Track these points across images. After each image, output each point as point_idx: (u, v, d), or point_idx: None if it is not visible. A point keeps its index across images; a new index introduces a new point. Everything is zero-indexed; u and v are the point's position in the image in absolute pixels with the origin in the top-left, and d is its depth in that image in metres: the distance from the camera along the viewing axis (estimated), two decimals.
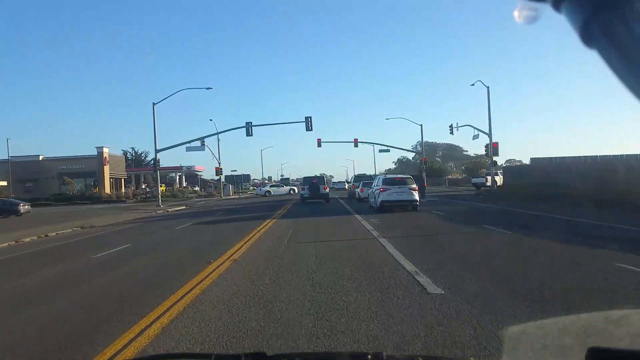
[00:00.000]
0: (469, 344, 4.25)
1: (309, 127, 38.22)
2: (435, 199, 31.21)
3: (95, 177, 61.70)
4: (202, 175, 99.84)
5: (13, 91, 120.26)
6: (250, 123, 38.01)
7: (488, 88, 37.10)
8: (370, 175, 40.36)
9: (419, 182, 25.91)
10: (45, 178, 61.91)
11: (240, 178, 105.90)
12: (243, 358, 1.24)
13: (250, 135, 37.75)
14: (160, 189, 73.64)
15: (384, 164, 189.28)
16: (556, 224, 15.09)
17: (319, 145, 59.75)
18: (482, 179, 44.83)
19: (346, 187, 68.04)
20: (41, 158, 62.71)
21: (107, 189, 60.95)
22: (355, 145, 61.19)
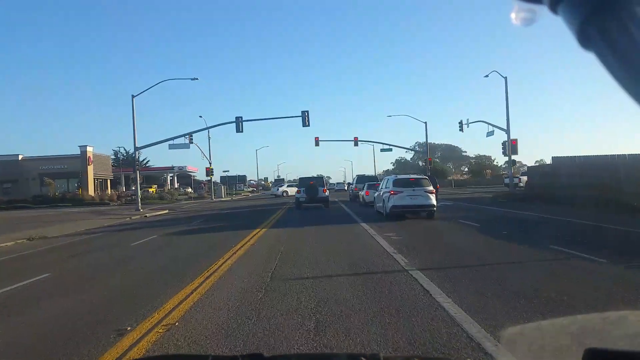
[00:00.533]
0: None
1: (305, 123, 34.52)
2: (449, 203, 27.40)
3: (79, 178, 57.99)
4: (196, 176, 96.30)
5: None
6: (241, 118, 34.22)
7: (506, 79, 33.44)
8: (375, 176, 36.54)
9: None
10: (25, 179, 58.20)
11: (235, 179, 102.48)
12: (240, 359, 1.23)
13: (241, 131, 33.97)
14: (151, 190, 70.15)
15: (381, 164, 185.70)
16: None
17: (317, 144, 56.36)
18: (515, 180, 41.56)
19: (345, 188, 64.36)
20: (21, 157, 58.91)
21: (91, 191, 57.19)
22: (355, 144, 57.33)
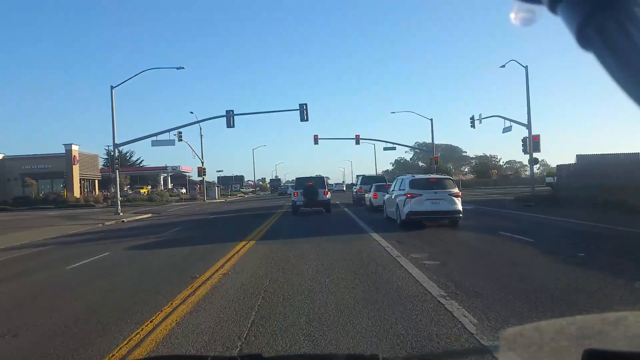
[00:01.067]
0: None
1: (304, 117, 31.15)
2: (469, 207, 23.84)
3: (65, 179, 54.58)
4: (191, 176, 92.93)
5: None
6: (232, 112, 30.75)
7: (526, 68, 29.98)
8: (382, 177, 33.01)
9: None
10: (6, 179, 54.77)
11: (231, 179, 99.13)
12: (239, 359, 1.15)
13: (232, 126, 30.62)
14: (143, 191, 66.68)
15: (380, 164, 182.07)
16: None
17: (316, 142, 53.33)
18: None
19: (344, 189, 60.68)
20: (1, 157, 55.36)
21: (77, 192, 53.75)
22: (357, 142, 54.13)
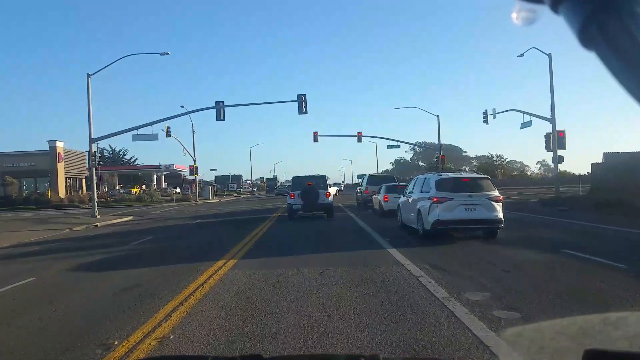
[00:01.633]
0: None
1: (302, 109, 28.20)
2: None
3: (49, 177, 51.51)
4: (187, 175, 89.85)
5: None
6: (222, 103, 27.72)
7: (549, 55, 26.88)
8: (391, 176, 29.83)
9: None
10: None
11: (228, 178, 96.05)
12: None
13: (222, 119, 27.60)
14: (134, 191, 63.63)
15: (379, 164, 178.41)
16: None
17: (316, 140, 50.26)
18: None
19: (342, 189, 57.43)
20: None
21: (62, 191, 50.67)
22: (359, 139, 51.05)
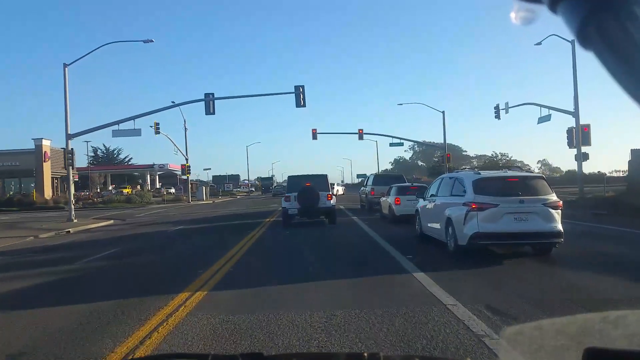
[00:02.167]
0: None
1: (300, 102, 25.86)
2: None
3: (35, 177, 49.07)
4: (181, 175, 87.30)
5: None
6: (212, 95, 25.26)
7: (573, 42, 24.40)
8: (400, 175, 26.96)
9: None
10: None
11: (225, 179, 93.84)
12: (240, 359, 1.21)
13: (212, 113, 25.19)
14: (126, 192, 61.11)
15: (379, 164, 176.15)
16: None
17: (315, 137, 47.95)
18: None
19: (335, 192, 55.03)
20: None
21: (48, 192, 48.11)
22: (360, 137, 48.64)
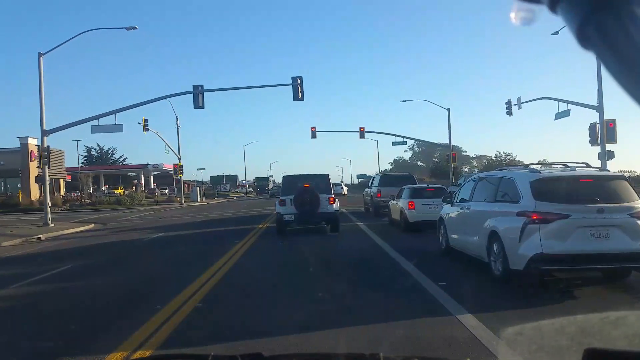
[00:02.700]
0: None
1: (298, 95, 23.86)
2: None
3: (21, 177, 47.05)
4: (175, 175, 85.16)
5: None
6: (201, 87, 23.18)
7: None
8: (409, 175, 23.83)
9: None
10: None
11: (221, 179, 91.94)
12: (240, 359, 1.21)
13: (201, 107, 23.12)
14: (118, 192, 59.00)
15: (379, 164, 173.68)
16: None
17: (314, 136, 46.22)
18: None
19: (343, 192, 52.72)
20: None
21: (35, 193, 45.89)
22: (362, 135, 46.84)
